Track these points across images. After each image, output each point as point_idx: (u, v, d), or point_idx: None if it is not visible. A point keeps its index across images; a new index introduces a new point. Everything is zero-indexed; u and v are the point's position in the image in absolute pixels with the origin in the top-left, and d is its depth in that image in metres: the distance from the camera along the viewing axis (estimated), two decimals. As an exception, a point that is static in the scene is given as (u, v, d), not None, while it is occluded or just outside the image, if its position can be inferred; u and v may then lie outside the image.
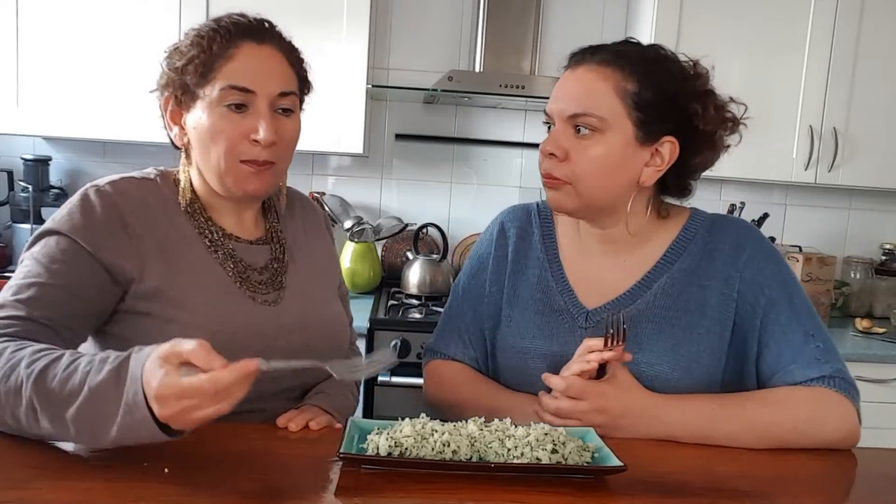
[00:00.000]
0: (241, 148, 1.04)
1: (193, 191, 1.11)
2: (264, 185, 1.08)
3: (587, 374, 1.03)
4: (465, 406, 1.15)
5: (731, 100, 1.14)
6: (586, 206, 1.12)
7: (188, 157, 1.10)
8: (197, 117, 1.05)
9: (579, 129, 1.07)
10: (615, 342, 1.01)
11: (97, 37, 2.25)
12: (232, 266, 1.08)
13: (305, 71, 1.13)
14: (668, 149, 1.10)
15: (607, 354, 1.01)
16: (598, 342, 1.02)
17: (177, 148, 1.11)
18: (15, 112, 2.25)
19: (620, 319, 1.02)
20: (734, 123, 1.15)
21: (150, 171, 1.12)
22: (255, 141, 1.03)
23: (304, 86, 1.13)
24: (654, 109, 1.07)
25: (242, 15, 1.08)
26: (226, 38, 1.03)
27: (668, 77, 1.08)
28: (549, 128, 1.13)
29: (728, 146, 1.16)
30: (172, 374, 0.75)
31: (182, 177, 1.10)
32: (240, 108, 1.03)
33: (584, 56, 1.10)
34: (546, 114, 1.13)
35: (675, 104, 1.08)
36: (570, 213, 1.14)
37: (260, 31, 1.07)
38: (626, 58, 1.08)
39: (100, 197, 1.03)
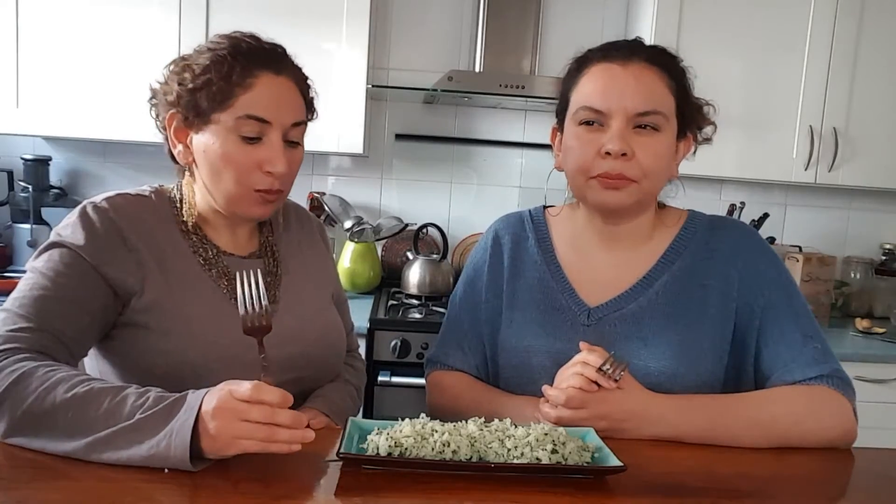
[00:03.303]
0: (254, 177, 1.05)
1: (191, 206, 1.11)
2: (271, 210, 1.10)
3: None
4: (467, 413, 1.14)
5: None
6: (640, 203, 1.13)
7: (191, 174, 1.10)
8: (208, 141, 1.05)
9: (643, 127, 1.07)
10: (613, 372, 1.01)
11: (97, 37, 2.25)
12: (226, 283, 1.09)
13: (313, 98, 1.14)
14: (686, 144, 1.15)
15: (603, 381, 1.00)
16: (595, 358, 1.02)
17: (175, 162, 1.12)
18: (15, 112, 2.25)
19: (625, 361, 1.03)
20: (707, 111, 1.19)
21: (145, 189, 1.13)
22: (269, 172, 1.04)
23: (310, 112, 1.14)
24: (688, 107, 1.12)
25: (255, 38, 1.07)
26: (245, 65, 1.03)
27: (687, 77, 1.13)
28: (589, 124, 1.09)
29: (709, 138, 1.20)
30: (234, 383, 0.83)
31: (186, 193, 1.11)
32: (253, 140, 1.04)
33: (630, 52, 1.09)
34: (593, 109, 1.08)
35: (693, 103, 1.13)
36: (622, 212, 1.14)
37: (277, 61, 1.06)
38: (666, 57, 1.11)
39: (97, 213, 1.03)
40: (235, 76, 1.02)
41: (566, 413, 1.01)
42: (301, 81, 1.10)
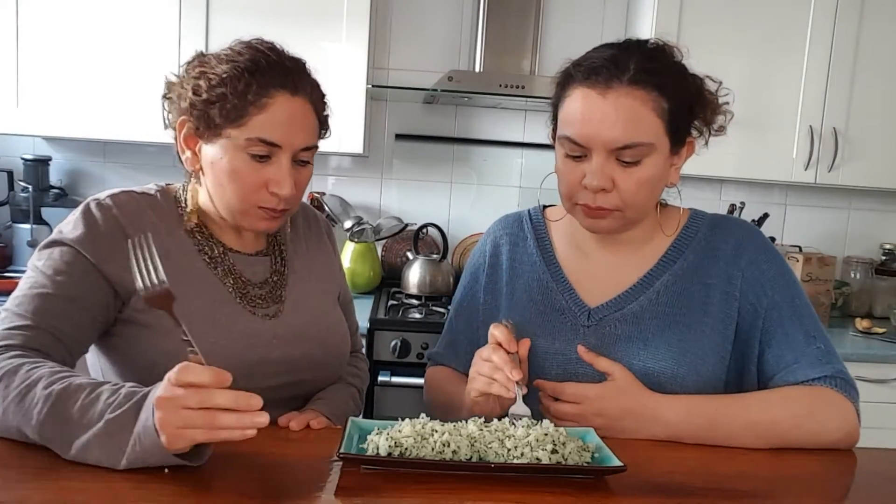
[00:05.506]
0: (259, 195, 1.04)
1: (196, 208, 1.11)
2: (276, 225, 1.09)
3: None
4: (437, 403, 1.23)
5: (709, 78, 1.12)
6: (630, 224, 1.13)
7: (198, 179, 1.09)
8: (216, 154, 1.03)
9: (625, 158, 1.03)
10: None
11: (97, 37, 2.25)
12: (231, 282, 1.09)
13: (327, 116, 1.12)
14: (689, 147, 1.12)
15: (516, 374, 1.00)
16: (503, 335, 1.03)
17: (182, 162, 1.11)
18: (15, 112, 2.25)
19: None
20: (723, 104, 1.13)
21: (151, 187, 1.12)
22: (274, 193, 1.03)
23: (323, 129, 1.12)
24: (683, 119, 1.08)
25: (276, 52, 1.05)
26: (261, 84, 1.00)
27: (685, 83, 1.08)
28: (577, 156, 1.06)
29: (723, 127, 1.14)
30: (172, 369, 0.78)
31: (189, 199, 1.10)
32: (263, 158, 1.02)
33: (611, 76, 1.02)
34: (573, 141, 1.05)
35: (693, 108, 1.09)
36: (612, 234, 1.14)
37: (295, 79, 1.03)
38: (654, 74, 1.03)
39: (100, 210, 1.03)
40: (251, 95, 1.00)
41: (563, 407, 1.04)
42: (317, 101, 1.08)
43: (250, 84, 1.00)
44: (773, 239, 2.72)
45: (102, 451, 0.80)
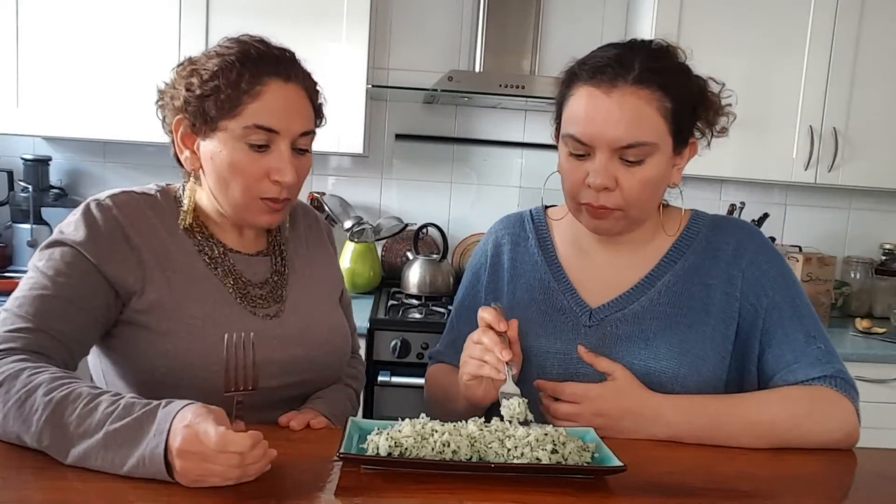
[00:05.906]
0: (262, 186, 1.04)
1: (195, 208, 1.10)
2: (279, 218, 1.09)
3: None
4: (441, 389, 1.22)
5: (712, 80, 1.12)
6: (633, 225, 1.13)
7: (197, 179, 1.09)
8: (214, 149, 1.03)
9: (628, 157, 1.04)
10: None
11: (97, 37, 2.25)
12: (232, 282, 1.09)
13: (321, 105, 1.13)
14: (691, 148, 1.12)
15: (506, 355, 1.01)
16: (491, 317, 1.04)
17: (180, 164, 1.10)
18: (15, 112, 2.25)
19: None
20: (726, 106, 1.14)
21: (151, 187, 1.12)
22: (276, 181, 1.03)
23: (318, 118, 1.13)
24: (686, 119, 1.08)
25: (265, 43, 1.06)
26: (253, 73, 1.01)
27: (689, 83, 1.08)
28: (580, 154, 1.06)
29: (725, 129, 1.14)
30: (201, 423, 0.77)
31: (186, 199, 1.10)
32: (262, 147, 1.03)
33: (616, 75, 1.03)
34: (577, 139, 1.05)
35: (696, 109, 1.09)
36: (614, 234, 1.14)
37: (286, 67, 1.04)
38: (659, 73, 1.03)
39: (101, 210, 1.03)
40: (244, 84, 1.01)
41: (563, 407, 1.04)
42: (310, 88, 1.09)
43: (242, 74, 1.01)
44: (773, 239, 2.72)
45: (101, 462, 0.80)
